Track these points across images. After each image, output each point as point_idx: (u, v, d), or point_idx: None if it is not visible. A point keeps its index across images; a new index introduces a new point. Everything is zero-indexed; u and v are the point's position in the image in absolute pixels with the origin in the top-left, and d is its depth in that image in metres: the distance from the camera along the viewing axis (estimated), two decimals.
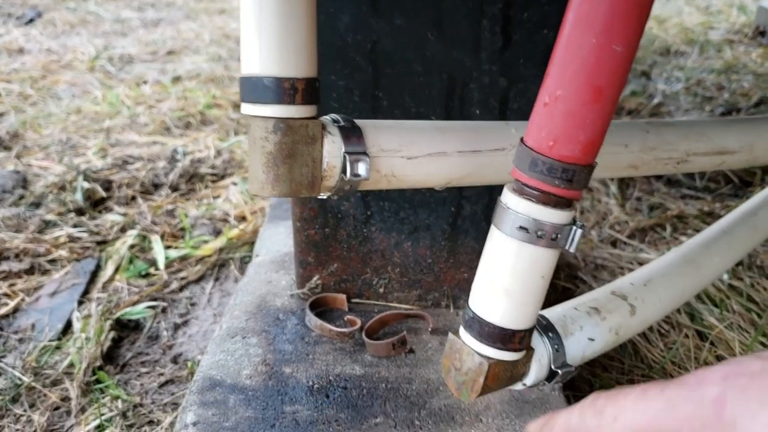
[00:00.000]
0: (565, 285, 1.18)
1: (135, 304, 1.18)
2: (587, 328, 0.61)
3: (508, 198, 0.50)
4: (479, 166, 0.60)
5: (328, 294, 0.94)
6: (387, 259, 0.92)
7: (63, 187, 1.56)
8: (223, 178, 1.70)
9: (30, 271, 1.27)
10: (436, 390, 0.78)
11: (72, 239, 1.37)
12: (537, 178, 0.48)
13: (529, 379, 0.57)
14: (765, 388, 0.32)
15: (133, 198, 1.56)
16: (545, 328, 0.59)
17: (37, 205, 1.50)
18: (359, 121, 0.54)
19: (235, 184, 1.64)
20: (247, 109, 0.51)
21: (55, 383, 0.99)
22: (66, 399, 0.96)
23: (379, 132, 0.54)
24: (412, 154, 0.56)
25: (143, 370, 1.04)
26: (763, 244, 1.31)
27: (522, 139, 0.49)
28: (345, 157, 0.52)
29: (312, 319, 0.88)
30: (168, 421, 0.92)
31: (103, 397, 0.96)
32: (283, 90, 0.49)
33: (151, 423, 0.93)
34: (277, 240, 1.12)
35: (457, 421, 0.74)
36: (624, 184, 1.60)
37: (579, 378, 0.97)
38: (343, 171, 0.53)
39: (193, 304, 1.20)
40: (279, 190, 0.51)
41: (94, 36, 3.14)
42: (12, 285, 1.22)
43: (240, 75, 0.51)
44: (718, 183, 1.63)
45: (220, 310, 1.17)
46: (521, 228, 0.49)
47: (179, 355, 1.07)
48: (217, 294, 1.23)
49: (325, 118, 0.54)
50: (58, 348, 1.06)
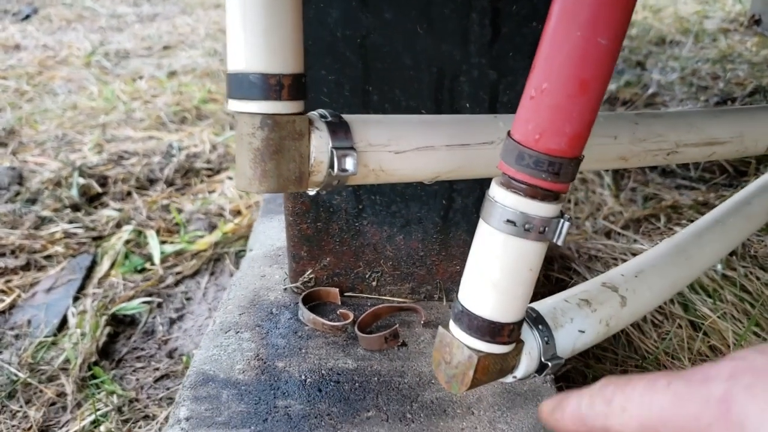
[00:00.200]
0: (558, 276, 1.19)
1: (130, 299, 1.18)
2: (577, 320, 0.62)
3: (496, 191, 0.50)
4: (468, 160, 0.60)
5: (321, 288, 0.94)
6: (379, 253, 0.92)
7: (59, 183, 1.56)
8: (218, 172, 1.70)
9: (26, 267, 1.27)
10: (428, 383, 0.79)
11: (68, 235, 1.37)
12: (524, 172, 0.48)
13: (520, 371, 0.58)
14: None
15: (129, 193, 1.56)
16: (535, 320, 0.59)
17: (32, 201, 1.50)
18: (346, 116, 0.54)
19: (230, 179, 1.65)
20: (234, 105, 0.51)
21: (50, 379, 1.00)
22: (62, 394, 0.97)
23: (366, 127, 0.54)
24: (400, 148, 0.56)
25: (139, 365, 1.04)
26: (758, 233, 1.31)
27: (509, 133, 0.49)
28: (332, 152, 0.52)
29: (305, 313, 0.88)
30: (163, 416, 0.92)
31: (98, 393, 0.97)
32: (269, 86, 0.49)
33: (146, 418, 0.93)
34: (271, 234, 1.12)
35: (449, 414, 0.74)
36: (618, 175, 1.60)
37: (572, 370, 0.97)
38: (331, 166, 0.52)
39: (188, 299, 1.21)
40: (266, 185, 0.51)
41: (90, 32, 3.13)
42: (8, 281, 1.22)
43: (227, 71, 0.51)
44: (713, 173, 1.63)
45: (216, 305, 1.18)
46: (509, 221, 0.49)
47: (174, 350, 1.08)
48: (213, 288, 1.24)
49: (312, 114, 0.54)
50: (53, 344, 1.07)
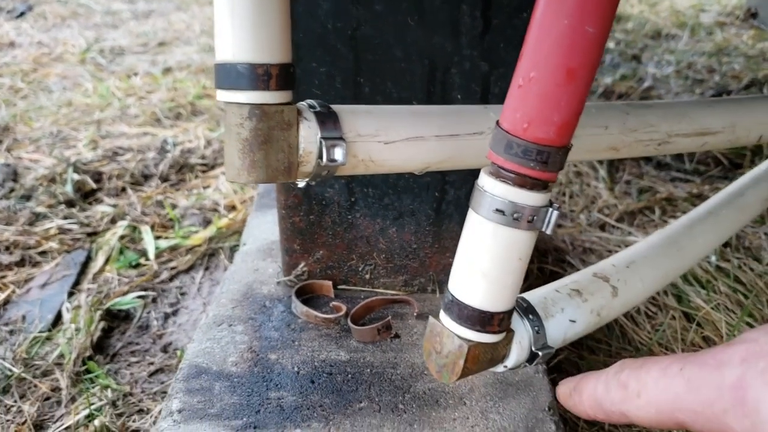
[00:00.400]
0: (553, 269, 1.19)
1: (125, 294, 1.18)
2: (568, 310, 0.62)
3: (485, 181, 0.50)
4: (458, 150, 0.60)
5: (314, 281, 0.94)
6: (372, 246, 0.92)
7: (53, 180, 1.56)
8: (213, 168, 1.70)
9: (20, 263, 1.27)
10: (420, 374, 0.79)
11: (62, 231, 1.37)
12: (512, 161, 0.48)
13: (510, 361, 0.58)
14: None
15: (123, 189, 1.56)
16: (526, 310, 0.59)
17: (27, 197, 1.50)
18: (335, 107, 0.54)
19: (225, 174, 1.64)
20: (222, 96, 0.51)
21: (45, 374, 1.00)
22: (56, 389, 0.97)
23: (355, 117, 0.54)
24: (390, 138, 0.56)
25: (133, 359, 1.04)
26: (752, 225, 1.31)
27: (498, 122, 0.49)
28: (321, 142, 0.52)
29: (298, 306, 0.88)
30: (157, 410, 0.92)
31: (92, 387, 0.97)
32: (257, 76, 0.49)
33: (140, 412, 0.93)
34: (265, 228, 1.12)
35: (441, 405, 0.74)
36: (613, 168, 1.60)
37: (566, 360, 0.98)
38: (320, 156, 0.52)
39: (183, 294, 1.21)
40: (255, 176, 0.51)
41: (85, 28, 3.12)
42: (2, 277, 1.22)
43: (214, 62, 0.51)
44: (707, 165, 1.63)
45: (210, 299, 1.18)
46: (498, 211, 0.49)
47: (169, 344, 1.08)
48: (207, 283, 1.24)
49: (301, 104, 0.54)
50: (48, 339, 1.07)
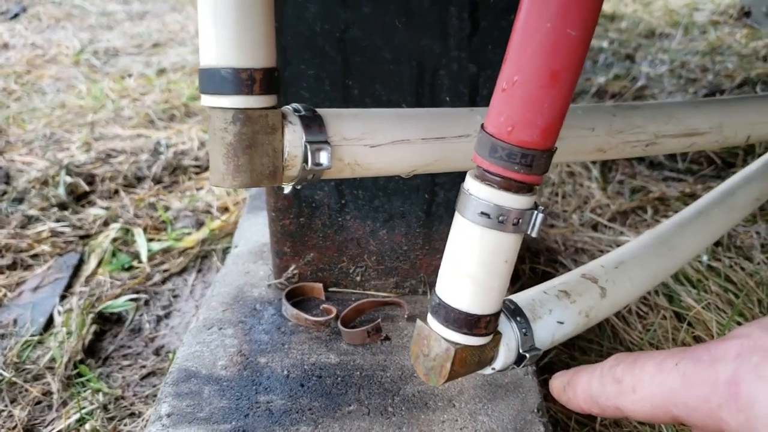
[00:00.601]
0: (545, 269, 1.19)
1: (117, 297, 1.18)
2: (556, 311, 0.62)
3: (470, 184, 0.50)
4: (444, 153, 0.60)
5: (305, 283, 0.94)
6: (363, 248, 0.92)
7: (46, 182, 1.56)
8: (206, 170, 1.69)
9: (12, 266, 1.27)
10: (410, 376, 0.79)
11: (55, 234, 1.37)
12: (497, 164, 0.48)
13: (498, 363, 0.58)
14: None
15: (116, 191, 1.56)
16: (513, 312, 0.59)
17: (19, 200, 1.50)
18: (321, 110, 0.54)
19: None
20: (206, 100, 0.51)
21: (36, 378, 0.99)
22: (47, 393, 0.97)
23: (341, 120, 0.54)
24: (375, 142, 0.56)
25: (125, 362, 1.04)
26: (743, 224, 1.31)
27: (482, 125, 0.49)
28: (306, 146, 0.52)
29: (288, 309, 0.88)
30: (149, 413, 0.92)
31: (84, 391, 0.97)
32: (240, 81, 0.49)
33: (132, 415, 0.93)
34: (256, 231, 1.12)
35: (430, 407, 0.74)
36: (606, 168, 1.61)
37: (557, 361, 0.98)
38: (305, 160, 0.52)
39: (175, 296, 1.20)
40: (240, 180, 0.51)
41: (80, 30, 3.12)
42: None
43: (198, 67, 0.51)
44: (700, 164, 1.63)
45: (201, 302, 1.18)
46: (483, 214, 0.49)
47: (161, 347, 1.07)
48: (200, 285, 1.23)
49: (286, 108, 0.54)
50: (40, 343, 1.06)
